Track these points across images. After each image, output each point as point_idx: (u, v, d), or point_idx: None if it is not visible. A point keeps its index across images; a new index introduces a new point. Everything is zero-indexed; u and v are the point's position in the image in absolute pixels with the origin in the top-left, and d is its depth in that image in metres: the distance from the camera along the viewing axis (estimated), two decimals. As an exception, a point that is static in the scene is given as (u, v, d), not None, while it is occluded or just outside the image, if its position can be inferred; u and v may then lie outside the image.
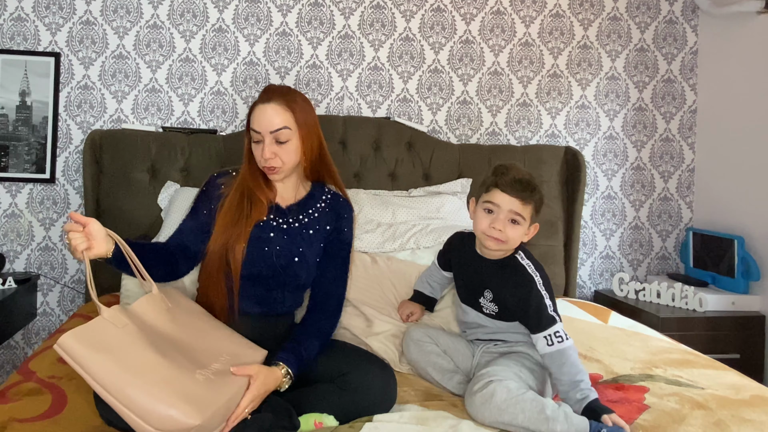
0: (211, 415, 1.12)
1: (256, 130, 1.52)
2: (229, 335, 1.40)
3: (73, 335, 1.15)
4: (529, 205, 1.50)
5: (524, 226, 1.51)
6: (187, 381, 1.15)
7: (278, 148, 1.52)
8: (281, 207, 1.60)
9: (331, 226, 1.63)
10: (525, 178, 1.50)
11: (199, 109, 2.56)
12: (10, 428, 1.23)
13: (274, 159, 1.51)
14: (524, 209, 1.50)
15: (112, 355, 1.13)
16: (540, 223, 2.53)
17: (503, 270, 1.55)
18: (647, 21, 2.84)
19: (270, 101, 1.52)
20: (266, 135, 1.51)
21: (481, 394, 1.35)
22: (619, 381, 1.63)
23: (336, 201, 1.67)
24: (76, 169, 2.48)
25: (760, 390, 1.56)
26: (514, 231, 1.50)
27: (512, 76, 2.76)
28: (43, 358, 1.61)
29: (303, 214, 1.61)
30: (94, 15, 2.49)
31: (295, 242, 1.56)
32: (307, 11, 2.62)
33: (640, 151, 2.85)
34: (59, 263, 2.49)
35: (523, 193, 1.49)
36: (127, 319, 1.22)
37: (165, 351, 1.19)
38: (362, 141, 2.51)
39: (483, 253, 1.59)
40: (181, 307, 1.40)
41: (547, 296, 1.49)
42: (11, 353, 2.47)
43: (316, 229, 1.61)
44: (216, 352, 1.30)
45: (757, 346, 2.42)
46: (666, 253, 2.88)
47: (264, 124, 1.50)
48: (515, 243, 1.53)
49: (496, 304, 1.56)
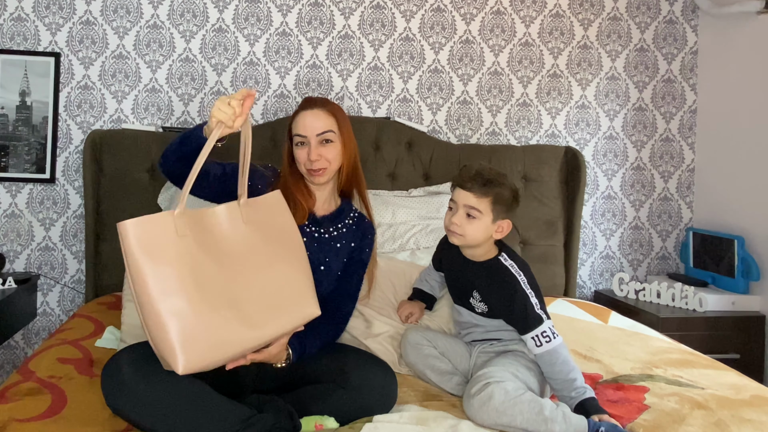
0: (204, 356, 1.18)
1: (302, 134, 1.59)
2: (291, 279, 1.38)
3: (133, 224, 1.18)
4: (486, 199, 1.50)
5: (483, 221, 1.51)
6: (205, 323, 1.18)
7: (324, 149, 1.59)
8: (316, 216, 1.67)
9: (355, 244, 1.69)
10: (481, 173, 1.51)
11: (199, 109, 2.56)
12: (10, 428, 1.23)
13: (320, 161, 1.58)
14: (479, 203, 1.50)
15: (151, 263, 1.17)
16: (540, 223, 2.59)
17: (487, 272, 1.56)
18: (647, 21, 2.84)
19: (314, 107, 1.61)
20: (312, 138, 1.58)
21: (479, 397, 1.35)
22: (619, 381, 1.63)
23: (362, 221, 1.73)
24: (76, 169, 2.48)
25: (760, 390, 1.56)
26: (471, 226, 1.52)
27: (512, 76, 2.76)
28: (43, 358, 1.61)
29: (333, 227, 1.67)
30: (94, 15, 2.49)
31: (323, 252, 1.63)
32: (307, 11, 2.62)
33: (640, 151, 2.85)
34: (59, 263, 2.49)
35: (477, 187, 1.50)
36: (189, 229, 1.23)
37: (202, 283, 1.20)
38: (362, 141, 2.50)
39: (467, 255, 1.61)
40: (259, 225, 1.37)
41: (533, 295, 1.49)
42: (11, 353, 2.47)
43: (343, 243, 1.67)
44: (260, 295, 1.30)
45: (757, 346, 2.42)
46: (666, 253, 2.88)
47: (309, 128, 1.58)
48: (476, 238, 1.53)
49: (484, 303, 1.57)
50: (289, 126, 1.64)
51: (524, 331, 1.47)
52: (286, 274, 1.37)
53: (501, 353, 1.56)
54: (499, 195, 1.51)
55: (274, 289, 1.33)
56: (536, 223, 2.54)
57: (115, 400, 1.23)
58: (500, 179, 1.53)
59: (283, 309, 1.33)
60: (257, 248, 1.34)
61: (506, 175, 1.58)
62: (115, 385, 1.23)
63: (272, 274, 1.34)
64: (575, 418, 1.31)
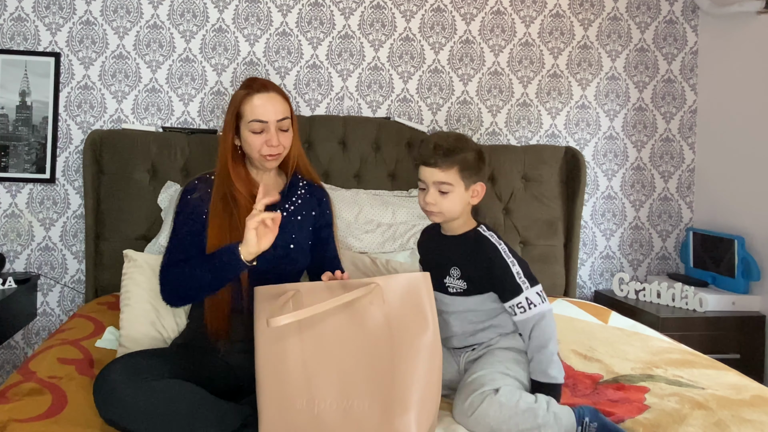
0: None
1: (261, 120, 1.53)
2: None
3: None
4: (452, 170, 1.45)
5: (456, 192, 1.47)
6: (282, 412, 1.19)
7: (282, 136, 1.56)
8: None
9: (315, 212, 1.68)
10: (440, 144, 1.46)
11: (199, 109, 2.56)
12: (10, 428, 1.23)
13: (279, 146, 1.55)
14: (447, 176, 1.45)
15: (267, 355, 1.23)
16: (540, 223, 2.59)
17: (467, 243, 1.52)
18: (647, 21, 2.84)
19: (269, 91, 1.56)
20: (272, 123, 1.54)
21: (474, 416, 1.31)
22: (619, 381, 1.63)
23: (313, 187, 1.72)
24: (76, 169, 2.48)
25: (760, 390, 1.56)
26: (446, 201, 1.47)
27: (512, 76, 2.76)
28: (43, 358, 1.61)
29: (289, 203, 1.65)
30: (94, 15, 2.49)
31: (287, 230, 1.59)
32: (307, 11, 2.62)
33: (641, 151, 2.85)
34: (59, 263, 2.49)
35: (440, 160, 1.44)
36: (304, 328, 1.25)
37: (302, 372, 1.22)
38: (362, 141, 2.51)
39: (446, 231, 1.57)
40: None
41: (515, 263, 1.46)
42: (11, 353, 2.47)
43: (303, 215, 1.65)
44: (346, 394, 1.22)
45: (757, 346, 2.42)
46: (666, 253, 2.88)
47: (271, 113, 1.54)
48: (454, 211, 1.49)
49: (464, 281, 1.51)
50: (236, 111, 1.56)
51: (504, 299, 1.46)
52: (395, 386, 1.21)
53: (488, 353, 1.52)
54: (465, 161, 1.46)
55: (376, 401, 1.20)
56: (536, 223, 2.54)
57: (110, 412, 1.22)
58: (461, 144, 1.47)
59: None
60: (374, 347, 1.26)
61: (465, 137, 1.53)
62: (108, 397, 1.21)
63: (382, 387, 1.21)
64: (564, 416, 1.31)
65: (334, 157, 2.49)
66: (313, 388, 1.21)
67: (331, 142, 2.49)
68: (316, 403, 1.20)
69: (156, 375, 1.24)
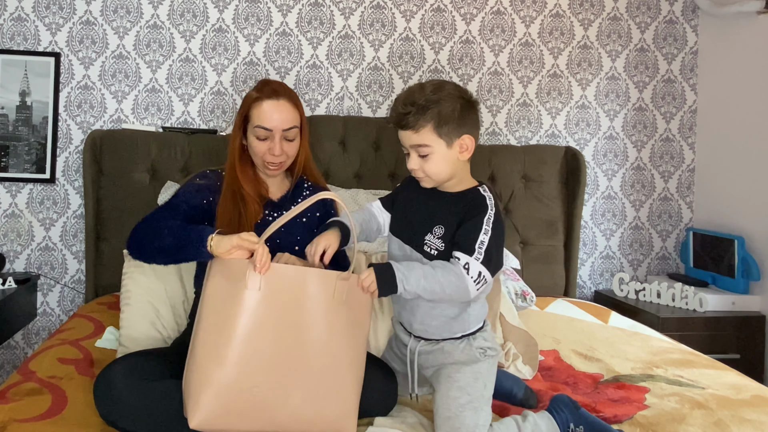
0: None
1: (267, 128, 1.51)
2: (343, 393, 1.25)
3: (219, 264, 1.25)
4: (425, 128, 1.30)
5: (438, 152, 1.32)
6: (230, 390, 1.16)
7: (287, 145, 1.55)
8: (274, 201, 1.63)
9: (320, 212, 1.67)
10: (408, 102, 1.31)
11: (199, 109, 2.56)
12: (10, 428, 1.23)
13: (281, 155, 1.54)
14: (421, 137, 1.31)
15: (214, 309, 1.20)
16: (540, 223, 2.59)
17: (460, 201, 1.37)
18: (647, 21, 2.84)
19: (280, 98, 1.53)
20: (278, 132, 1.52)
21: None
22: (620, 380, 1.63)
23: (318, 189, 1.70)
24: (76, 169, 2.47)
25: (760, 390, 1.56)
26: (428, 164, 1.34)
27: (512, 76, 2.76)
28: (43, 358, 1.61)
29: (294, 204, 1.63)
30: (94, 15, 2.49)
31: (293, 233, 1.59)
32: (307, 11, 2.62)
33: (641, 151, 2.85)
34: (59, 263, 2.49)
35: (411, 120, 1.30)
36: (266, 285, 1.21)
37: (256, 344, 1.18)
38: (362, 141, 2.51)
39: (441, 187, 1.41)
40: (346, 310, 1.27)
41: (488, 234, 1.30)
42: (11, 353, 2.47)
43: (308, 216, 1.64)
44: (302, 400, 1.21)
45: (757, 346, 2.42)
46: (666, 253, 2.88)
47: (277, 121, 1.51)
48: (441, 173, 1.35)
49: (443, 241, 1.36)
50: (245, 113, 1.54)
51: (454, 247, 1.32)
52: (343, 384, 1.25)
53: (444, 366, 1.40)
54: (440, 115, 1.30)
55: (320, 395, 1.22)
56: (536, 223, 2.54)
57: (109, 412, 1.22)
58: (433, 96, 1.30)
59: (314, 423, 1.22)
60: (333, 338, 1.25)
61: (443, 84, 1.35)
62: (108, 397, 1.22)
63: (329, 380, 1.23)
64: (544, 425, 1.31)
65: (334, 157, 2.49)
66: (253, 359, 1.18)
67: (331, 142, 2.49)
68: (252, 378, 1.18)
69: (156, 375, 1.24)
